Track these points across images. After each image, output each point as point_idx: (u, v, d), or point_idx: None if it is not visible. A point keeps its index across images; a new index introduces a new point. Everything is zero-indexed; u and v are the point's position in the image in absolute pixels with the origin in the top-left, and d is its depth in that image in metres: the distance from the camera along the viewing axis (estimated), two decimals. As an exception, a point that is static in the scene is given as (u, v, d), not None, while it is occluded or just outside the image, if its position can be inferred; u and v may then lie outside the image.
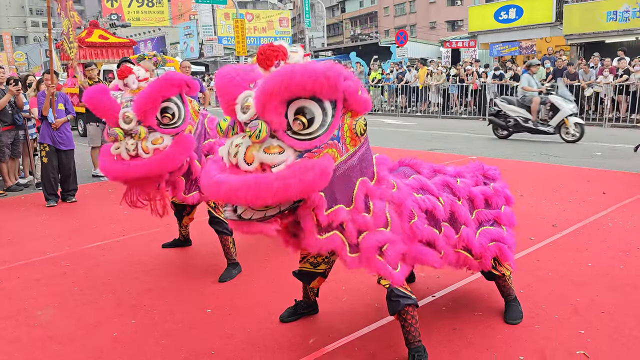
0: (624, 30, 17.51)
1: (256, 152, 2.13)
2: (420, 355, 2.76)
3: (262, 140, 2.11)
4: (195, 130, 3.82)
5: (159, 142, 3.52)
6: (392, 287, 2.64)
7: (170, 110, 3.55)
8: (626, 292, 3.63)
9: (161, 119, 3.55)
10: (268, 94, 2.07)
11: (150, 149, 3.50)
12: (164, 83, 3.48)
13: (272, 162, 2.11)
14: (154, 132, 3.54)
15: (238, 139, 2.18)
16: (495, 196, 3.17)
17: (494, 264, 3.13)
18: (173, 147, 3.54)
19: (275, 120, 2.11)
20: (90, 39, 14.75)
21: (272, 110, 2.10)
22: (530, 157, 9.20)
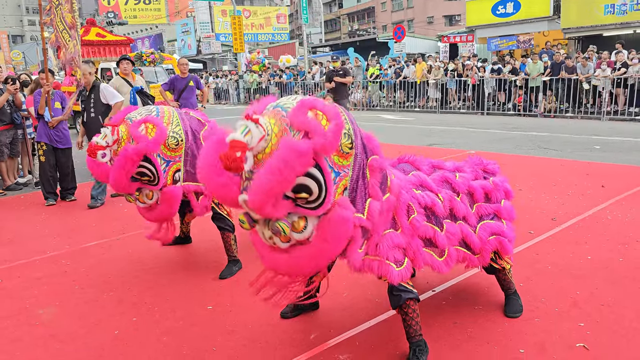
0: (621, 24, 17.51)
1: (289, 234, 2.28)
2: (421, 349, 2.77)
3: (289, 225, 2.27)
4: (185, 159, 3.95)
5: (151, 196, 3.87)
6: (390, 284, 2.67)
7: (144, 174, 3.76)
8: (625, 285, 3.65)
9: (142, 180, 3.79)
10: (262, 208, 2.17)
11: (147, 203, 3.91)
12: (122, 164, 3.65)
13: (305, 238, 2.29)
14: (143, 189, 3.86)
15: (268, 233, 2.32)
16: (495, 190, 3.18)
17: (494, 258, 3.14)
18: (162, 204, 3.88)
19: (282, 212, 2.22)
20: (88, 37, 14.70)
21: (275, 211, 2.19)
22: (529, 151, 9.21)
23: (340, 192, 2.34)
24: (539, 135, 11.03)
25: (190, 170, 3.95)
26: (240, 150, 2.09)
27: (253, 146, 2.14)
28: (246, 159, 2.11)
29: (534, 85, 14.91)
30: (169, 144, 3.82)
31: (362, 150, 2.48)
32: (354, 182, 2.41)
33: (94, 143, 3.74)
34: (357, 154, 2.41)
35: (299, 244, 2.31)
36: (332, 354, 2.93)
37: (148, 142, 3.67)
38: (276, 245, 2.34)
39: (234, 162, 2.07)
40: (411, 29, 43.04)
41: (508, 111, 15.63)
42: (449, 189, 2.99)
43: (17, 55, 40.70)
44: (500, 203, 3.18)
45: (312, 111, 2.25)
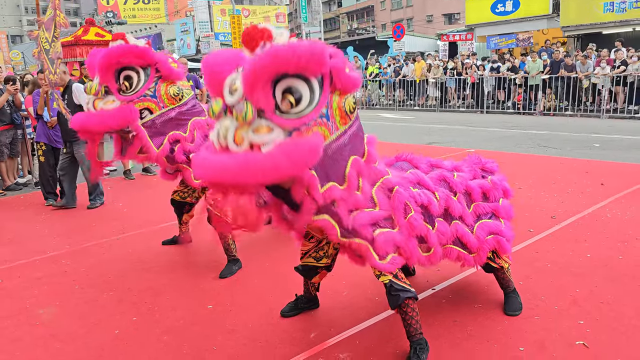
0: (620, 21, 17.50)
1: (245, 133, 2.11)
2: (422, 348, 2.78)
3: (250, 122, 2.10)
4: (164, 112, 3.80)
5: (109, 103, 3.62)
6: (391, 281, 2.66)
7: (131, 80, 3.62)
8: (625, 283, 3.65)
9: (121, 84, 3.62)
10: (254, 72, 2.06)
11: (99, 108, 3.62)
12: (124, 48, 3.55)
13: (261, 142, 2.09)
14: (111, 94, 3.63)
15: (227, 122, 2.16)
16: (493, 189, 3.18)
17: (492, 257, 3.14)
18: (113, 110, 3.60)
19: (262, 100, 2.09)
20: (87, 37, 14.67)
21: (260, 90, 2.08)
22: (529, 149, 9.21)
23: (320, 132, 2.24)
24: (538, 133, 11.03)
25: (157, 126, 3.78)
26: (267, 36, 2.14)
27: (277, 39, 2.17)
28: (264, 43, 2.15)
29: (534, 84, 14.92)
30: (170, 89, 3.74)
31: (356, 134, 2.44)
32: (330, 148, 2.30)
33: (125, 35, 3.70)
34: (347, 132, 2.36)
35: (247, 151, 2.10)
36: (332, 352, 2.93)
37: (164, 60, 3.61)
38: (223, 145, 2.14)
39: (256, 31, 2.14)
40: (410, 27, 43.03)
41: (507, 109, 15.63)
42: (446, 188, 2.99)
43: (17, 56, 40.64)
44: (499, 202, 3.18)
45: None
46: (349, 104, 2.33)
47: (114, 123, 3.63)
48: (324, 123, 2.23)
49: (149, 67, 3.66)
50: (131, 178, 7.92)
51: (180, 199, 4.47)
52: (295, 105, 2.13)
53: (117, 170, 8.46)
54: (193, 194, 4.37)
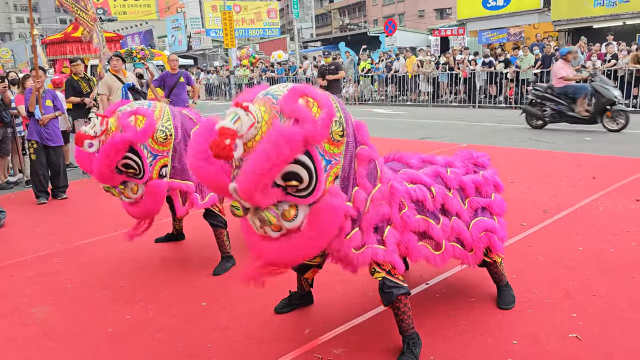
0: (611, 15, 17.58)
1: (280, 223, 2.28)
2: (414, 343, 2.79)
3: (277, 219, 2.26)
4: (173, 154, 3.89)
5: (135, 190, 3.82)
6: (384, 278, 2.67)
7: (130, 166, 3.71)
8: (617, 275, 3.68)
9: (127, 173, 3.74)
10: (251, 195, 2.15)
11: (132, 197, 3.85)
12: (104, 157, 3.61)
13: (296, 227, 2.29)
14: (129, 182, 3.81)
15: (257, 222, 2.31)
16: (485, 184, 3.19)
17: (485, 251, 3.15)
18: (146, 198, 3.82)
19: (271, 200, 2.21)
20: (77, 34, 14.57)
21: (264, 198, 2.18)
22: (520, 144, 9.25)
23: (332, 180, 2.33)
24: (530, 127, 11.06)
25: (178, 167, 3.92)
26: (230, 137, 2.07)
27: (243, 134, 2.13)
28: (236, 146, 2.10)
29: (525, 78, 14.95)
30: (157, 137, 3.77)
31: (354, 139, 2.48)
32: (345, 171, 2.40)
33: (82, 132, 3.69)
34: (348, 142, 2.41)
35: (289, 233, 2.30)
36: (326, 348, 2.93)
37: (136, 132, 3.62)
38: (267, 235, 2.33)
39: (223, 150, 2.05)
40: (402, 22, 43.00)
41: (499, 104, 15.68)
42: (441, 184, 3.00)
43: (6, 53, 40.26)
44: (491, 197, 3.19)
45: (303, 98, 2.24)
46: (336, 134, 2.34)
47: (157, 205, 3.87)
48: (331, 167, 2.33)
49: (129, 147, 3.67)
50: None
51: None
52: (301, 183, 2.22)
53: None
54: None
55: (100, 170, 3.66)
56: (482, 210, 3.14)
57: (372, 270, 2.68)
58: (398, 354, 2.79)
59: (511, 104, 15.25)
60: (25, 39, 42.11)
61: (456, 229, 2.97)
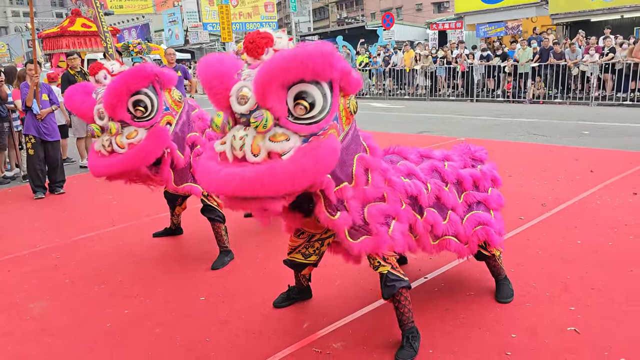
0: (609, 9, 17.56)
1: (262, 142, 2.08)
2: (414, 336, 2.79)
3: (267, 130, 2.07)
4: (178, 119, 3.73)
5: (133, 136, 3.42)
6: (388, 271, 2.67)
7: (142, 103, 3.44)
8: (615, 269, 3.68)
9: (134, 112, 3.44)
10: (269, 79, 2.02)
11: (125, 144, 3.40)
12: (128, 76, 3.38)
13: (281, 150, 2.07)
14: (128, 126, 3.43)
15: (240, 132, 2.12)
16: (482, 179, 3.18)
17: (484, 245, 3.16)
18: (146, 140, 3.43)
19: (277, 107, 2.07)
20: (73, 28, 14.53)
21: (274, 97, 2.05)
22: (518, 137, 9.24)
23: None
24: (528, 121, 11.07)
25: (178, 134, 3.71)
26: (270, 41, 2.14)
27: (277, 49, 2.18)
28: (267, 51, 2.18)
29: (523, 72, 14.94)
30: (174, 94, 3.66)
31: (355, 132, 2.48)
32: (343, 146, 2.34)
33: (102, 64, 3.54)
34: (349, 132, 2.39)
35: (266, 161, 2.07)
36: (325, 342, 2.93)
37: (163, 72, 3.49)
38: (239, 156, 2.11)
39: (260, 37, 2.14)
40: (400, 16, 42.88)
41: (497, 98, 15.66)
42: (438, 179, 2.99)
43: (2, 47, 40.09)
44: (488, 192, 3.19)
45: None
46: (353, 105, 2.34)
47: (156, 151, 3.48)
48: (335, 125, 2.25)
49: (151, 83, 3.49)
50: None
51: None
52: (309, 111, 2.12)
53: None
54: None
55: (113, 94, 3.31)
56: (477, 204, 3.13)
57: (376, 264, 2.68)
58: (397, 348, 2.79)
59: (509, 97, 15.24)
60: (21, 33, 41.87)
61: (452, 223, 2.98)
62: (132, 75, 3.39)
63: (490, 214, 3.15)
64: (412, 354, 2.74)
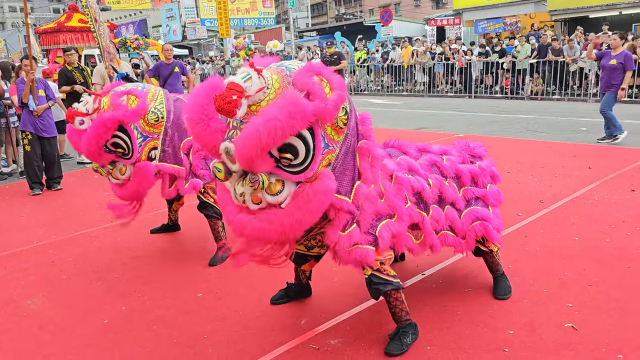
0: (607, 5, 17.55)
1: (261, 194, 2.21)
2: (404, 332, 2.78)
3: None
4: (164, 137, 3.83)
5: (124, 171, 3.75)
6: (371, 275, 2.66)
7: (118, 145, 3.67)
8: (612, 265, 3.69)
9: (116, 153, 3.70)
10: (249, 154, 2.08)
11: (120, 178, 3.79)
12: (95, 132, 3.55)
13: (277, 202, 2.22)
14: (117, 162, 3.75)
15: (240, 188, 2.24)
16: (481, 175, 3.18)
17: (482, 240, 3.16)
18: (133, 180, 3.76)
19: (264, 168, 2.16)
20: (70, 23, 14.47)
21: (260, 162, 2.12)
22: (517, 134, 9.24)
23: (324, 166, 2.31)
24: (526, 117, 11.08)
25: (168, 151, 3.87)
26: (237, 94, 2.05)
27: (250, 95, 2.11)
28: (240, 105, 2.07)
29: (521, 68, 14.94)
30: (148, 118, 3.74)
31: (355, 132, 2.46)
32: (339, 161, 2.37)
33: (74, 109, 3.65)
34: (348, 135, 2.39)
35: (268, 208, 2.24)
36: (323, 339, 2.93)
37: (126, 111, 3.60)
38: (245, 205, 2.26)
39: (228, 104, 2.02)
40: (398, 12, 42.81)
41: (495, 94, 15.67)
42: (437, 173, 2.99)
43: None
44: (487, 188, 3.18)
45: (318, 76, 2.23)
46: (341, 120, 2.31)
47: (144, 187, 3.82)
48: (327, 152, 2.29)
49: (119, 125, 3.63)
50: (118, 166, 7.83)
51: None
52: (294, 159, 2.18)
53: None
54: None
55: (89, 148, 3.60)
56: (475, 199, 3.13)
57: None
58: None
59: (507, 94, 15.24)
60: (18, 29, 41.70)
61: (449, 217, 2.98)
62: (97, 131, 3.56)
63: (488, 210, 3.14)
64: (400, 349, 2.74)
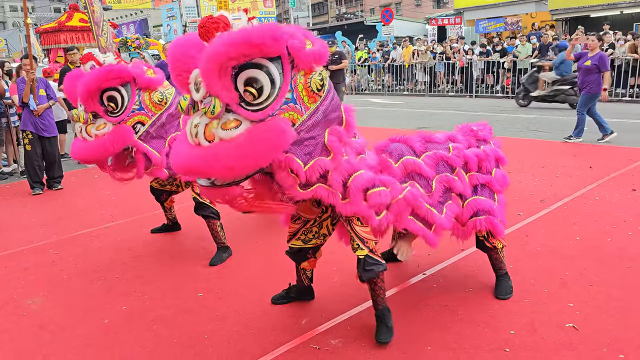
0: (608, 4, 17.54)
1: (215, 129, 2.15)
2: (384, 315, 2.88)
3: (218, 116, 2.14)
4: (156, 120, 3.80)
5: (101, 127, 3.64)
6: (367, 256, 2.68)
7: (114, 99, 3.63)
8: (613, 265, 3.68)
9: (107, 106, 3.64)
10: (210, 62, 2.07)
11: (92, 134, 3.63)
12: (102, 73, 3.55)
13: (229, 138, 2.14)
14: (100, 118, 3.65)
15: (196, 119, 2.20)
16: (486, 160, 3.13)
17: (486, 236, 3.15)
18: (109, 135, 3.64)
19: (224, 94, 2.12)
20: (71, 23, 14.46)
21: (217, 80, 2.09)
22: (517, 133, 9.23)
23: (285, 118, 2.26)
24: (527, 117, 11.06)
25: (152, 134, 3.82)
26: (223, 25, 2.11)
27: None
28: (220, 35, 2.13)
29: (522, 67, 14.91)
30: (154, 96, 3.76)
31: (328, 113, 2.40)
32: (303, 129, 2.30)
33: (92, 54, 3.65)
34: (319, 108, 2.33)
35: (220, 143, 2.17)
36: (323, 338, 2.92)
37: (142, 73, 3.64)
38: (196, 141, 2.19)
39: (212, 23, 2.10)
40: (399, 11, 42.76)
41: (496, 93, 15.65)
42: (444, 168, 2.96)
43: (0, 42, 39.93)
44: (492, 173, 3.15)
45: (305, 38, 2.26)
46: (315, 82, 2.30)
47: (114, 147, 3.67)
48: (292, 107, 2.26)
49: (128, 82, 3.67)
50: (119, 166, 7.82)
51: (159, 186, 4.43)
52: (257, 97, 2.16)
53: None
54: (173, 182, 4.30)
55: (89, 86, 3.52)
56: (481, 187, 3.10)
57: (355, 246, 2.70)
58: (396, 344, 2.79)
59: (508, 93, 15.22)
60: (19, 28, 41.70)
61: (455, 206, 2.99)
62: (107, 72, 3.56)
63: (494, 199, 3.12)
64: (391, 333, 2.83)
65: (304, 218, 2.96)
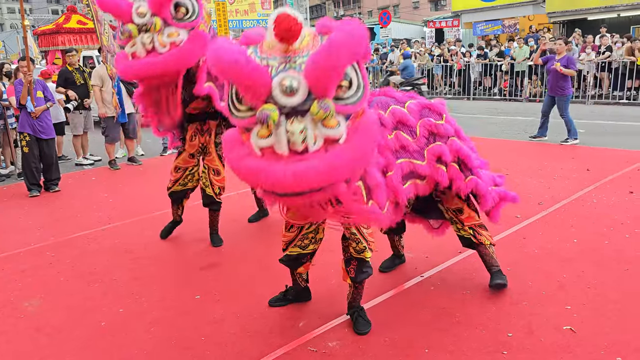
0: (605, 7, 17.58)
1: (318, 130, 2.01)
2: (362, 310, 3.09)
3: (322, 118, 2.00)
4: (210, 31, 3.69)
5: (174, 35, 3.40)
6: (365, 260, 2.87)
7: (183, 3, 3.47)
8: (611, 267, 3.68)
9: (176, 13, 3.46)
10: (335, 68, 1.95)
11: (167, 43, 3.39)
12: None
13: (337, 136, 2.03)
14: (168, 26, 3.43)
15: (298, 126, 1.99)
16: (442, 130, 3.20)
17: (473, 233, 3.26)
18: (189, 42, 3.42)
19: (331, 89, 2.02)
20: (69, 25, 14.44)
21: (333, 85, 2.00)
22: (515, 135, 9.25)
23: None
24: (524, 119, 11.08)
25: None
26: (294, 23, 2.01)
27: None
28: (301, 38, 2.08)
29: (520, 70, 14.94)
30: (206, 7, 3.67)
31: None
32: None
33: None
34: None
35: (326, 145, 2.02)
36: (321, 341, 2.92)
37: None
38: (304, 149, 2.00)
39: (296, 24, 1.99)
40: (397, 14, 42.87)
41: (494, 96, 15.67)
42: (429, 114, 3.17)
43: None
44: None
45: None
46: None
47: (201, 53, 3.41)
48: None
49: None
50: (116, 168, 7.80)
51: (182, 187, 4.38)
52: (350, 88, 2.10)
53: (102, 160, 8.36)
54: (193, 178, 4.28)
55: None
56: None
57: (361, 247, 2.83)
58: (394, 347, 2.80)
59: (505, 96, 15.25)
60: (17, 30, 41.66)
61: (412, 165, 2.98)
62: None
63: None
64: (369, 324, 3.00)
65: (298, 225, 2.96)
